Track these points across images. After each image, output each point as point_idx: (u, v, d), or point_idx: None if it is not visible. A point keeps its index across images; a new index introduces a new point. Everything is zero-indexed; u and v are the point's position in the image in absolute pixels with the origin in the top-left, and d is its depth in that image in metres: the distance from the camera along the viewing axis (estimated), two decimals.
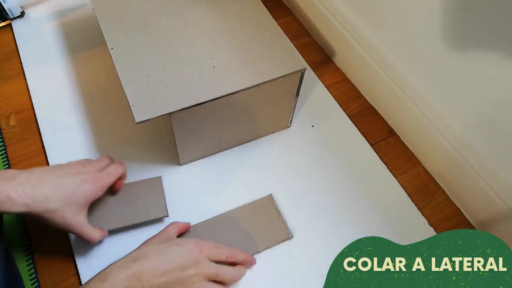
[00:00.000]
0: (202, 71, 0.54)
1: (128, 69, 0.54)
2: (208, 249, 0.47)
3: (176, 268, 0.44)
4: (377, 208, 0.62)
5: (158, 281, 0.43)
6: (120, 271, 0.42)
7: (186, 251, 0.46)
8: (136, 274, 0.42)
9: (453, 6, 0.53)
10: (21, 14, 0.79)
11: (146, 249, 0.46)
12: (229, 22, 0.61)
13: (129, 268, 0.43)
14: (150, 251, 0.45)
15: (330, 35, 0.80)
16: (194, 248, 0.46)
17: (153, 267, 0.43)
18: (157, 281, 0.43)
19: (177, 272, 0.44)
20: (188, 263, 0.45)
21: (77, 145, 0.64)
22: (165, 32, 0.58)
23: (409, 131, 0.69)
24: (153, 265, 0.43)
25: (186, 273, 0.44)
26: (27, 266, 0.54)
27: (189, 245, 0.47)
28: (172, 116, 0.51)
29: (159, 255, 0.45)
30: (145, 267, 0.43)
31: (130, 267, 0.43)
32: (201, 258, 0.46)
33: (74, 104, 0.68)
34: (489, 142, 0.56)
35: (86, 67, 0.73)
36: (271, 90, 0.57)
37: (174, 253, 0.45)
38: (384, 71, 0.69)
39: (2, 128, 0.66)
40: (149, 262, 0.44)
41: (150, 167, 0.62)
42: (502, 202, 0.57)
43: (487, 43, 0.51)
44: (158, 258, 0.44)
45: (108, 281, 0.41)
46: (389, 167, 0.67)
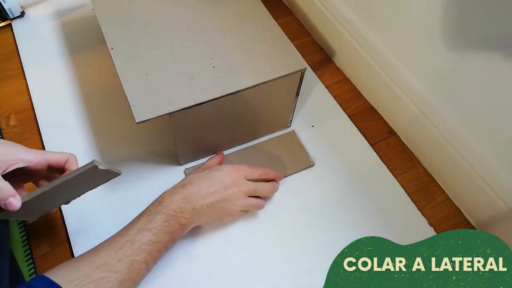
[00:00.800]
0: (202, 71, 0.54)
1: (128, 69, 0.54)
2: (244, 170, 0.54)
3: (219, 189, 0.51)
4: (377, 208, 0.62)
5: (206, 201, 0.50)
6: (172, 196, 0.49)
7: (225, 174, 0.53)
8: (186, 196, 0.49)
9: (453, 6, 0.53)
10: (21, 14, 0.79)
11: (190, 177, 0.53)
12: (229, 22, 0.61)
13: (179, 193, 0.49)
14: (194, 178, 0.52)
15: (330, 35, 0.80)
16: (231, 170, 0.53)
17: (199, 190, 0.50)
18: (205, 201, 0.50)
19: (221, 192, 0.51)
20: (229, 183, 0.52)
21: (77, 145, 0.64)
22: (165, 32, 0.58)
23: (409, 131, 0.69)
24: (199, 189, 0.50)
25: (228, 192, 0.52)
26: (27, 266, 0.54)
27: (227, 169, 0.53)
28: (172, 116, 0.51)
29: (203, 180, 0.52)
30: (193, 191, 0.50)
31: (180, 192, 0.50)
32: (239, 178, 0.53)
33: (74, 104, 0.68)
34: (489, 142, 0.56)
35: (86, 67, 0.73)
36: (271, 90, 0.57)
37: (215, 177, 0.52)
38: (384, 71, 0.69)
39: (2, 128, 0.66)
40: (195, 187, 0.50)
41: (150, 167, 0.62)
42: (502, 202, 0.57)
43: (487, 43, 0.51)
44: (203, 182, 0.51)
45: (164, 203, 0.48)
46: (389, 167, 0.67)
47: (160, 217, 0.46)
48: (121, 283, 0.42)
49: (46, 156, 0.46)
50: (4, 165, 0.42)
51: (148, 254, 0.44)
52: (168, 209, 0.47)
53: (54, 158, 0.47)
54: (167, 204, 0.47)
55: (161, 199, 0.48)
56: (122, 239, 0.44)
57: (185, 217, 0.48)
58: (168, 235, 0.46)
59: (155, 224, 0.45)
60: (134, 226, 0.45)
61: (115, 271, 0.42)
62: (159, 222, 0.46)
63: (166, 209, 0.47)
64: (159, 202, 0.48)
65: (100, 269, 0.42)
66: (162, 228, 0.46)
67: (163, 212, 0.46)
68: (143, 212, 0.48)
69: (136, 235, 0.44)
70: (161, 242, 0.46)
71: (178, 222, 0.47)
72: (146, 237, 0.44)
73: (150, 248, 0.44)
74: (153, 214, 0.46)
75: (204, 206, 0.50)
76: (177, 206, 0.48)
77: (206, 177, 0.52)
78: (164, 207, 0.47)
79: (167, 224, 0.46)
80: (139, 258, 0.44)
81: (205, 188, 0.50)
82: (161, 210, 0.47)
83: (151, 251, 0.45)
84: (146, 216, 0.46)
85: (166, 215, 0.47)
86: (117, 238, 0.45)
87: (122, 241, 0.44)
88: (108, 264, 0.42)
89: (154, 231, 0.45)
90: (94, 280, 0.41)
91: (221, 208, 0.52)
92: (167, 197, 0.48)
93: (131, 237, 0.44)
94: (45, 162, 0.46)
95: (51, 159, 0.47)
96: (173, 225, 0.47)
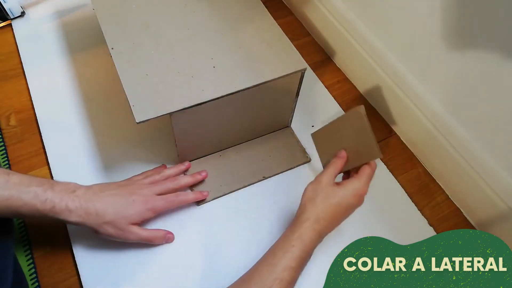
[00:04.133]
0: (202, 71, 0.54)
1: (128, 69, 0.54)
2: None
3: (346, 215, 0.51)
4: (377, 208, 0.62)
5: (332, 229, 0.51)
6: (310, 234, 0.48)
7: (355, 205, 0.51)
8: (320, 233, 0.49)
9: (453, 5, 0.53)
10: (21, 14, 0.79)
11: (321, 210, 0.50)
12: (229, 22, 0.61)
13: (315, 230, 0.49)
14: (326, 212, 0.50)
15: (330, 35, 0.80)
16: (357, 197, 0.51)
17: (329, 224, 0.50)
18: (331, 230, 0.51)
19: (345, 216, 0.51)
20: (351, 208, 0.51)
21: (77, 145, 0.64)
22: (165, 32, 0.58)
23: (409, 131, 0.69)
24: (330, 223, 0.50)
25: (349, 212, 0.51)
26: (27, 266, 0.54)
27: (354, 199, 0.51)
28: (172, 116, 0.51)
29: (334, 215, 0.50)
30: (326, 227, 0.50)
31: (316, 230, 0.49)
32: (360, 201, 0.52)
33: (74, 104, 0.68)
34: (489, 142, 0.56)
35: (86, 67, 0.73)
36: (271, 90, 0.57)
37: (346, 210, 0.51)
38: (384, 71, 0.69)
39: (2, 128, 0.66)
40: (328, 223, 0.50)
41: (150, 167, 0.62)
42: (502, 202, 0.57)
43: (487, 42, 0.51)
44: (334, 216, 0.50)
45: (304, 241, 0.47)
46: (389, 167, 0.67)
47: (303, 256, 0.47)
48: None
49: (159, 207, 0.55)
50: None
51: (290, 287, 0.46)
52: (308, 248, 0.48)
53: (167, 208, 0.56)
54: (309, 244, 0.48)
55: (303, 236, 0.48)
56: (270, 277, 0.45)
57: (314, 248, 0.49)
58: (302, 269, 0.48)
59: (298, 262, 0.46)
60: (280, 263, 0.46)
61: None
62: (300, 260, 0.47)
63: (307, 248, 0.48)
64: (301, 239, 0.48)
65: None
66: (302, 266, 0.47)
67: (304, 251, 0.47)
68: (287, 244, 0.48)
69: (284, 273, 0.45)
70: (297, 278, 0.47)
71: (310, 256, 0.49)
72: (291, 276, 0.46)
73: (291, 286, 0.46)
74: (297, 252, 0.47)
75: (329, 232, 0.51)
76: (314, 245, 0.49)
77: (336, 209, 0.50)
78: (306, 246, 0.47)
79: (305, 261, 0.48)
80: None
81: (335, 222, 0.50)
82: (304, 249, 0.47)
83: (292, 284, 0.46)
84: (290, 253, 0.47)
85: (307, 253, 0.48)
86: (265, 274, 0.46)
87: (270, 278, 0.45)
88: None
89: (296, 269, 0.46)
90: None
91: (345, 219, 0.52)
92: (308, 235, 0.48)
93: (278, 275, 0.45)
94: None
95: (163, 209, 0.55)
96: (307, 261, 0.49)
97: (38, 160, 0.63)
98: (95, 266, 0.53)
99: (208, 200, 0.60)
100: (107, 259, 0.54)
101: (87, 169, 0.62)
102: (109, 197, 0.51)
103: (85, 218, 0.48)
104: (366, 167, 0.51)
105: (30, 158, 0.63)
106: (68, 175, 0.60)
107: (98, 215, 0.49)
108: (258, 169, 0.63)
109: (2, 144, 0.64)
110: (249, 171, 0.63)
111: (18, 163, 0.62)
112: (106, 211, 0.49)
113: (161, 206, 0.54)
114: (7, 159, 0.62)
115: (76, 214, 0.48)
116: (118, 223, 0.50)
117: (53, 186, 0.48)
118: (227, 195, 0.61)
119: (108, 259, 0.54)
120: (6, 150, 0.63)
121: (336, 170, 0.53)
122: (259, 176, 0.63)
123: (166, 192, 0.56)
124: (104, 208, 0.49)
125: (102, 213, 0.49)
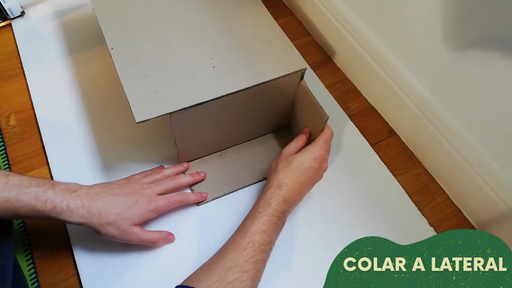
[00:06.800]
0: (202, 71, 0.54)
1: (128, 69, 0.54)
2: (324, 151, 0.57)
3: (312, 177, 0.56)
4: (377, 208, 0.62)
5: (301, 196, 0.55)
6: (276, 198, 0.52)
7: (311, 160, 0.55)
8: (286, 198, 0.52)
9: (453, 5, 0.53)
10: (21, 14, 0.79)
11: (282, 177, 0.54)
12: (229, 22, 0.61)
13: (279, 195, 0.52)
14: (286, 177, 0.54)
15: (330, 35, 0.80)
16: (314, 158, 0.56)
17: (294, 189, 0.54)
18: (300, 196, 0.56)
19: (313, 177, 0.56)
20: (316, 164, 0.56)
21: (77, 145, 0.64)
22: (165, 32, 0.58)
23: (409, 131, 0.69)
24: (294, 188, 0.54)
25: (318, 171, 0.56)
26: (27, 266, 0.54)
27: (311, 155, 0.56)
28: (172, 116, 0.51)
29: (295, 179, 0.54)
30: (290, 193, 0.53)
31: (280, 195, 0.52)
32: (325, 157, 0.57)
33: (74, 104, 0.68)
34: (490, 142, 0.56)
35: (86, 67, 0.73)
36: (271, 90, 0.57)
37: (306, 171, 0.55)
38: (384, 71, 0.69)
39: (2, 128, 0.66)
40: (290, 188, 0.53)
41: (150, 167, 0.62)
42: (502, 202, 0.57)
43: (487, 43, 0.51)
44: (296, 181, 0.54)
45: (272, 206, 0.51)
46: (389, 167, 0.67)
47: (271, 219, 0.50)
48: (252, 281, 0.46)
49: (162, 206, 0.55)
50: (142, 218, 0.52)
51: (265, 253, 0.49)
52: (275, 211, 0.51)
53: (169, 208, 0.56)
54: (274, 207, 0.51)
55: (268, 201, 0.51)
56: (243, 241, 0.48)
57: (286, 215, 0.53)
58: (276, 234, 0.51)
59: (267, 226, 0.49)
60: (251, 228, 0.49)
61: (245, 271, 0.46)
62: (270, 224, 0.50)
63: (274, 211, 0.51)
64: (267, 204, 0.51)
65: (232, 271, 0.45)
66: (273, 229, 0.50)
67: (272, 215, 0.50)
68: (254, 212, 0.51)
69: (255, 237, 0.48)
70: (272, 241, 0.50)
71: (282, 221, 0.52)
72: (263, 239, 0.48)
73: (266, 247, 0.49)
74: (265, 216, 0.50)
75: (298, 199, 0.55)
76: (281, 208, 0.51)
77: (296, 173, 0.54)
78: (273, 209, 0.51)
79: (275, 225, 0.50)
80: (260, 257, 0.48)
81: (298, 186, 0.54)
82: (271, 212, 0.51)
83: (267, 250, 0.49)
84: (258, 218, 0.50)
85: (275, 217, 0.51)
86: (238, 241, 0.48)
87: (243, 243, 0.48)
88: (238, 265, 0.46)
89: (268, 233, 0.49)
90: (230, 282, 0.44)
91: (311, 185, 0.57)
92: (273, 199, 0.52)
93: (250, 238, 0.48)
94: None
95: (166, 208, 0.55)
96: (279, 225, 0.51)
97: (38, 160, 0.63)
98: (95, 266, 0.53)
99: (208, 200, 0.60)
100: (107, 259, 0.54)
101: (87, 169, 0.61)
102: (112, 197, 0.51)
103: (88, 218, 0.48)
104: (321, 133, 0.57)
105: (30, 158, 0.63)
106: (68, 175, 0.60)
107: (101, 215, 0.49)
108: (258, 169, 0.63)
109: (2, 144, 0.64)
110: (249, 171, 0.63)
111: (18, 163, 0.62)
112: (109, 211, 0.49)
113: (163, 206, 0.54)
114: (7, 159, 0.62)
115: (78, 214, 0.48)
116: (120, 223, 0.50)
117: (53, 187, 0.48)
118: (227, 195, 0.61)
119: (108, 259, 0.54)
120: (5, 150, 0.63)
121: (297, 144, 0.58)
122: (259, 176, 0.62)
123: (167, 191, 0.56)
124: (107, 208, 0.49)
125: (105, 213, 0.49)
